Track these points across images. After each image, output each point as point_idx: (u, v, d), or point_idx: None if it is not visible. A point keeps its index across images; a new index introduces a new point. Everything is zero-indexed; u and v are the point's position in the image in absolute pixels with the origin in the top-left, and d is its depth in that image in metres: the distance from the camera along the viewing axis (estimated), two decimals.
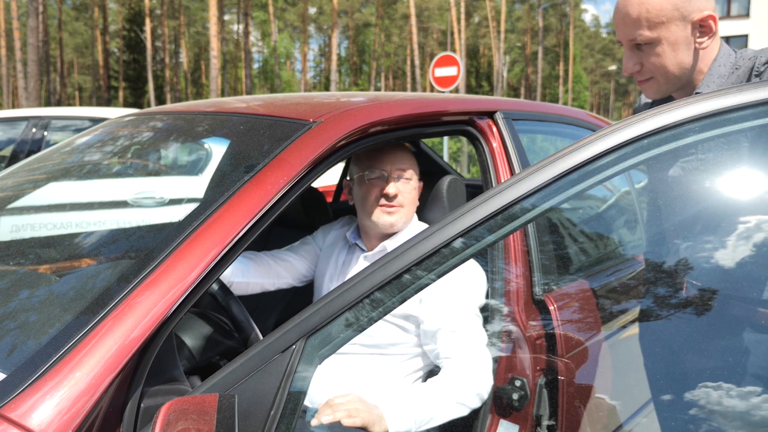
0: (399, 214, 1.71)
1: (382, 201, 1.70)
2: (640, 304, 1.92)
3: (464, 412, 1.46)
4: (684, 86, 1.47)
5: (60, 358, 0.98)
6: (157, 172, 2.29)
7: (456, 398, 1.44)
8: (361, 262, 1.78)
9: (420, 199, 1.86)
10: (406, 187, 1.71)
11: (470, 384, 1.47)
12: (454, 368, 1.50)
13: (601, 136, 0.92)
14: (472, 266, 1.66)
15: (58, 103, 41.18)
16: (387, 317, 1.59)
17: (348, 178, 1.86)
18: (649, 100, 1.69)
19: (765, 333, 1.33)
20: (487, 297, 1.68)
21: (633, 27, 1.40)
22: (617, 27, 1.46)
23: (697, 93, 1.42)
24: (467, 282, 1.62)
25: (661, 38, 1.39)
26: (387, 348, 1.62)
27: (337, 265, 1.81)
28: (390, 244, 1.73)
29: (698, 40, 1.40)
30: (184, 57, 51.39)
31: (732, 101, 0.89)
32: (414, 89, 48.25)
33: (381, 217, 1.71)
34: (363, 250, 1.79)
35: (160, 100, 45.80)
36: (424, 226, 1.82)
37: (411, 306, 1.58)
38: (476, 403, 1.48)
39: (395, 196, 1.70)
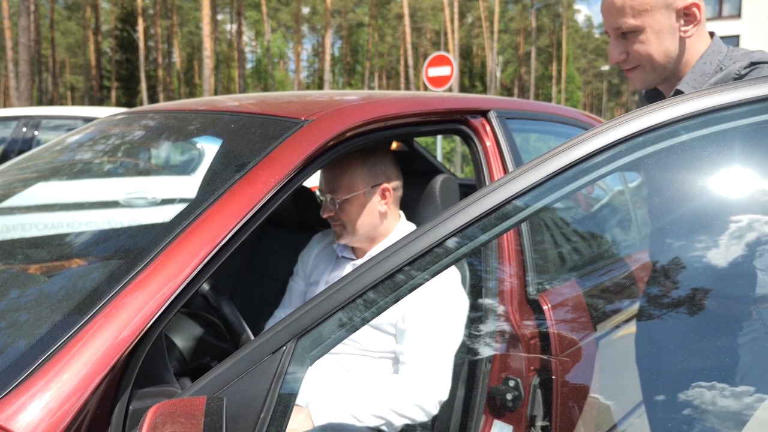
0: (342, 231, 1.71)
1: None
2: (633, 304, 1.91)
3: (401, 421, 1.47)
4: (670, 77, 1.47)
5: (47, 359, 0.97)
6: (148, 172, 2.27)
7: (396, 408, 1.46)
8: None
9: (413, 199, 1.85)
10: (337, 208, 1.68)
11: (415, 396, 1.48)
12: (404, 377, 1.52)
13: (594, 134, 0.91)
14: (454, 286, 1.63)
15: (50, 103, 40.95)
16: (372, 325, 1.59)
17: None
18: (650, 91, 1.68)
19: (754, 333, 1.33)
20: (480, 296, 1.67)
21: (618, 15, 1.41)
22: (603, 16, 1.47)
23: (677, 90, 1.42)
24: (444, 303, 1.59)
25: (645, 26, 1.39)
26: (376, 353, 1.61)
27: (328, 282, 1.78)
28: (378, 250, 1.71)
29: (683, 28, 1.40)
30: (177, 57, 51.26)
31: (727, 98, 0.88)
32: (407, 89, 48.27)
33: (334, 232, 1.73)
34: (351, 260, 1.77)
35: (153, 100, 45.58)
36: (412, 227, 1.80)
37: (389, 311, 1.57)
38: (420, 416, 1.48)
39: (329, 217, 1.70)
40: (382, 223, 1.73)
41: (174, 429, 0.72)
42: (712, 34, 1.47)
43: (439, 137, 12.32)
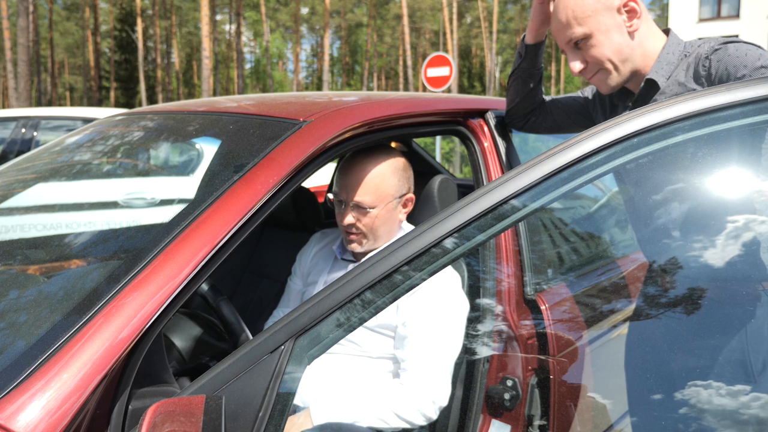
0: (360, 240, 1.66)
1: (344, 227, 1.66)
2: (630, 304, 1.92)
3: (401, 424, 1.47)
4: (635, 74, 1.53)
5: (47, 359, 0.97)
6: (147, 173, 2.28)
7: (396, 411, 1.46)
8: None
9: None
10: (364, 217, 1.62)
11: (416, 401, 1.48)
12: (405, 381, 1.51)
13: (590, 135, 0.91)
14: (455, 291, 1.62)
15: (49, 104, 40.93)
16: (370, 327, 1.59)
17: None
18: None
19: (749, 332, 1.34)
20: (478, 297, 1.68)
21: (566, 29, 1.50)
22: (555, 37, 1.56)
23: (648, 79, 1.49)
24: (445, 307, 1.58)
25: (592, 30, 1.47)
26: (375, 355, 1.62)
27: (326, 282, 1.77)
28: None
29: (627, 24, 1.48)
30: (175, 57, 51.20)
31: (721, 100, 0.89)
32: (406, 89, 48.26)
33: (347, 241, 1.68)
34: (351, 261, 1.76)
35: (152, 101, 45.60)
36: (411, 228, 1.80)
37: (388, 314, 1.57)
38: (419, 420, 1.48)
39: (351, 226, 1.64)
40: (397, 230, 1.72)
41: (173, 428, 0.73)
42: (667, 32, 1.55)
43: (438, 138, 12.33)
